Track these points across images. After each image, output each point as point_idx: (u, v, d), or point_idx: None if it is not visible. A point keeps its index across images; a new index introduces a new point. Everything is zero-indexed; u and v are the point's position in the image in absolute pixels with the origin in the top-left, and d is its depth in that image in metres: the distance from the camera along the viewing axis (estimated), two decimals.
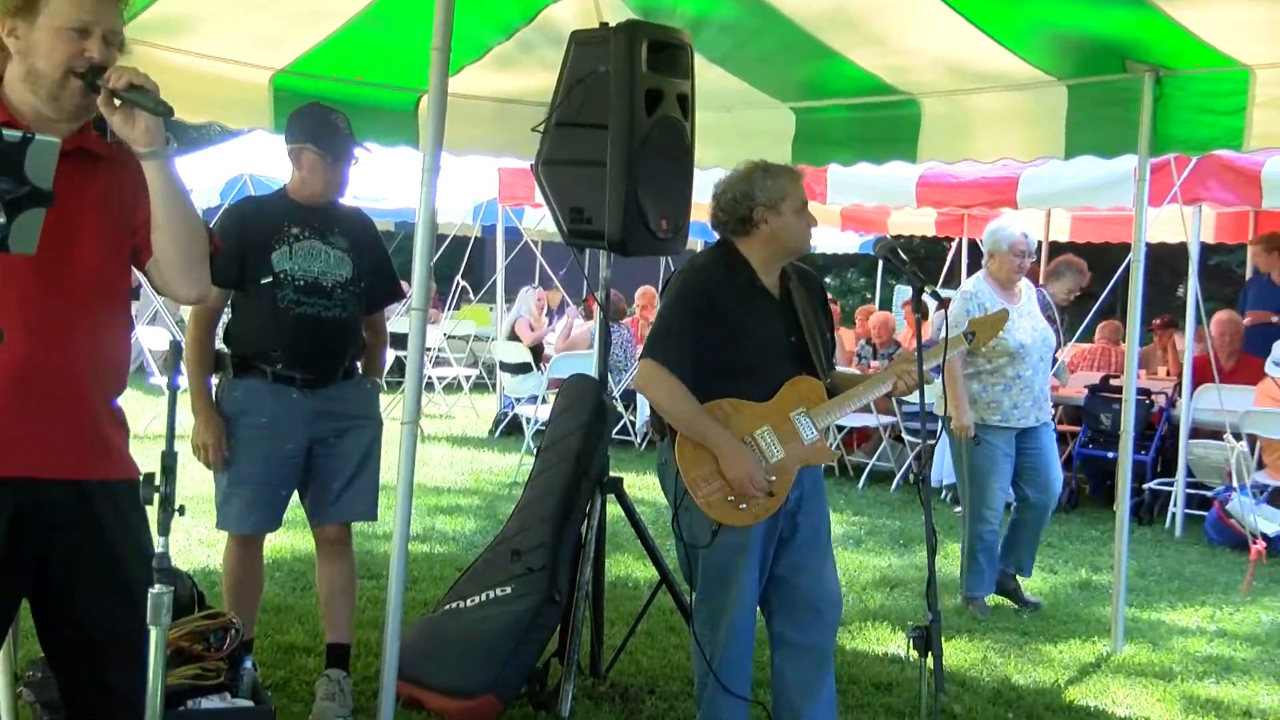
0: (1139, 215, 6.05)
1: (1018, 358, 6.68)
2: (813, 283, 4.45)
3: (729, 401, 4.17)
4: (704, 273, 4.27)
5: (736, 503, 4.14)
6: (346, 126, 4.75)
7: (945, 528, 8.76)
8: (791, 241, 4.25)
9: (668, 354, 4.18)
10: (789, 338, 4.24)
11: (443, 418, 13.98)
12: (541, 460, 5.26)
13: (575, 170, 4.80)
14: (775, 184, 4.21)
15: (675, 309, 4.22)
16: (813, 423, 4.21)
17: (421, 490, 9.35)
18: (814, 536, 4.34)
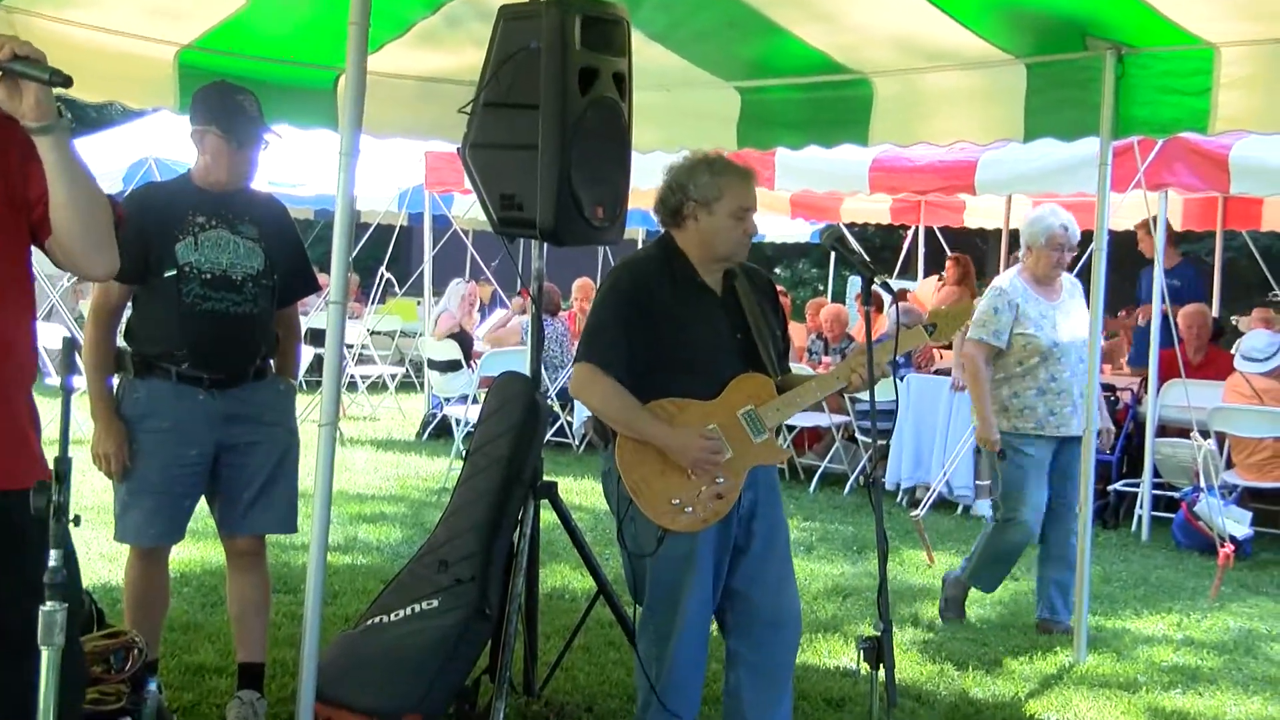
0: (1101, 202, 6.12)
1: (1051, 358, 6.51)
2: (761, 280, 4.48)
3: (672, 400, 4.19)
4: (638, 267, 4.30)
5: (682, 506, 4.15)
6: (255, 109, 4.71)
7: (900, 532, 8.84)
8: (721, 246, 4.27)
9: (600, 354, 4.20)
10: (734, 334, 4.27)
11: (366, 420, 13.90)
12: (470, 464, 5.24)
13: (505, 154, 4.79)
14: (714, 182, 4.23)
15: (606, 306, 4.25)
16: (762, 421, 4.24)
17: (342, 497, 9.30)
18: (771, 546, 4.35)
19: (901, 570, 7.92)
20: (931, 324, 4.45)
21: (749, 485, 4.28)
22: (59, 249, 2.90)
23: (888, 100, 6.26)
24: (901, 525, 9.08)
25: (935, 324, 4.45)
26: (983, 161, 10.22)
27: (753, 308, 4.31)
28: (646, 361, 4.19)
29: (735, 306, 4.31)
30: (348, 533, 8.25)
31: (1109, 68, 5.64)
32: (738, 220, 4.25)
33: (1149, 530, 9.17)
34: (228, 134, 4.64)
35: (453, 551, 5.06)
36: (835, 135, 6.53)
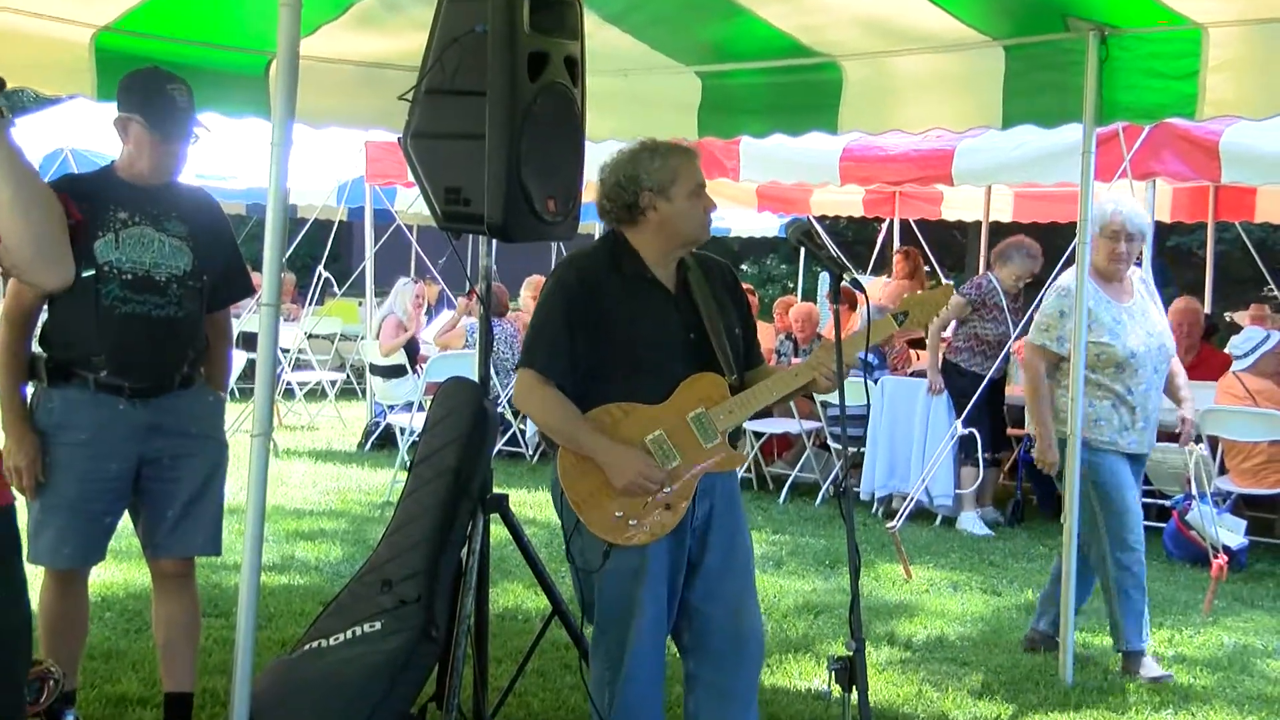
0: (1085, 192, 6.16)
1: (1127, 369, 6.26)
2: (718, 272, 4.48)
3: (618, 405, 4.21)
4: (580, 266, 4.31)
5: (626, 519, 4.16)
6: (186, 99, 4.67)
7: (876, 545, 8.87)
8: (686, 230, 4.29)
9: (541, 360, 4.23)
10: (686, 334, 4.28)
11: (304, 429, 13.85)
12: (415, 476, 5.23)
13: (449, 144, 4.78)
14: (664, 165, 4.25)
15: (546, 310, 4.27)
16: (713, 424, 4.24)
17: (278, 513, 9.26)
18: (729, 559, 4.35)
19: (877, 586, 7.95)
20: (903, 312, 4.40)
21: (703, 494, 4.29)
22: (5, 256, 2.88)
23: (858, 85, 6.28)
24: (877, 538, 9.12)
25: (907, 311, 4.40)
26: (960, 150, 10.26)
27: (707, 302, 4.32)
28: (592, 364, 4.20)
29: (688, 302, 4.32)
30: (283, 551, 8.21)
31: (1091, 50, 5.68)
32: (696, 199, 4.28)
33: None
34: (153, 125, 4.61)
35: (397, 570, 5.04)
36: (802, 122, 6.55)
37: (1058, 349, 6.34)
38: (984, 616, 7.39)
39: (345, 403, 15.32)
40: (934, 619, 7.27)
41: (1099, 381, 6.27)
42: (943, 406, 9.86)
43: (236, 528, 4.91)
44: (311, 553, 8.26)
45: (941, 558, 8.76)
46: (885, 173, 11.11)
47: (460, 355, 11.63)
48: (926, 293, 4.47)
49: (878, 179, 11.60)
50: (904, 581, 8.06)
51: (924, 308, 4.41)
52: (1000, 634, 7.03)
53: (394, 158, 11.95)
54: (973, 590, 7.93)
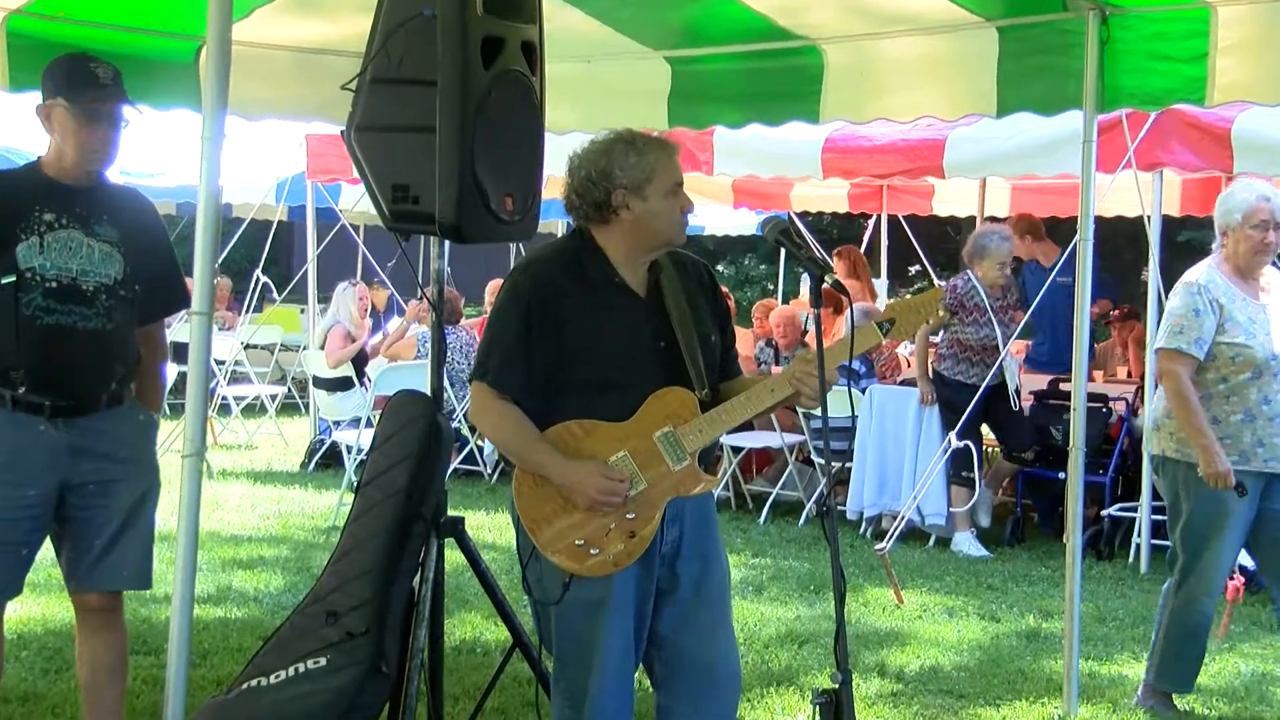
0: (1086, 184, 6.19)
1: (1265, 374, 5.97)
2: (694, 273, 4.45)
3: (579, 423, 4.20)
4: (537, 269, 4.29)
5: (588, 547, 4.16)
6: (111, 78, 4.65)
7: (864, 569, 8.89)
8: (661, 231, 4.26)
9: (494, 373, 4.22)
10: (656, 343, 4.25)
11: (241, 448, 13.79)
12: (363, 498, 5.22)
13: (396, 138, 4.78)
14: (641, 161, 4.21)
15: (500, 318, 4.26)
16: (682, 444, 4.23)
17: (213, 540, 9.23)
18: (701, 589, 4.34)
19: (865, 612, 7.97)
20: (888, 319, 4.36)
21: (672, 519, 4.28)
22: None
23: (840, 71, 6.30)
24: (865, 560, 9.13)
25: (893, 319, 4.36)
26: (951, 140, 10.30)
27: (680, 307, 4.29)
28: (550, 378, 4.20)
29: (659, 308, 4.29)
30: (219, 581, 8.19)
31: (1092, 31, 5.71)
32: (670, 198, 4.24)
33: (1149, 561, 9.26)
34: (76, 105, 4.58)
35: (343, 600, 5.03)
36: (781, 112, 6.56)
37: (1196, 353, 5.95)
38: (982, 644, 7.41)
39: (286, 419, 15.26)
40: (927, 648, 7.29)
41: (1230, 391, 5.98)
42: (936, 418, 9.88)
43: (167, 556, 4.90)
44: (249, 582, 8.23)
45: (935, 581, 8.78)
46: (871, 165, 11.14)
47: (411, 366, 11.60)
48: (914, 298, 4.44)
49: (863, 172, 11.63)
50: (895, 607, 8.08)
51: (911, 315, 4.36)
52: (999, 663, 7.06)
53: (337, 152, 11.90)
54: (969, 616, 7.96)
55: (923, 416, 9.93)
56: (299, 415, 15.49)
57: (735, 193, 13.67)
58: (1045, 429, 9.94)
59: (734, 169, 11.55)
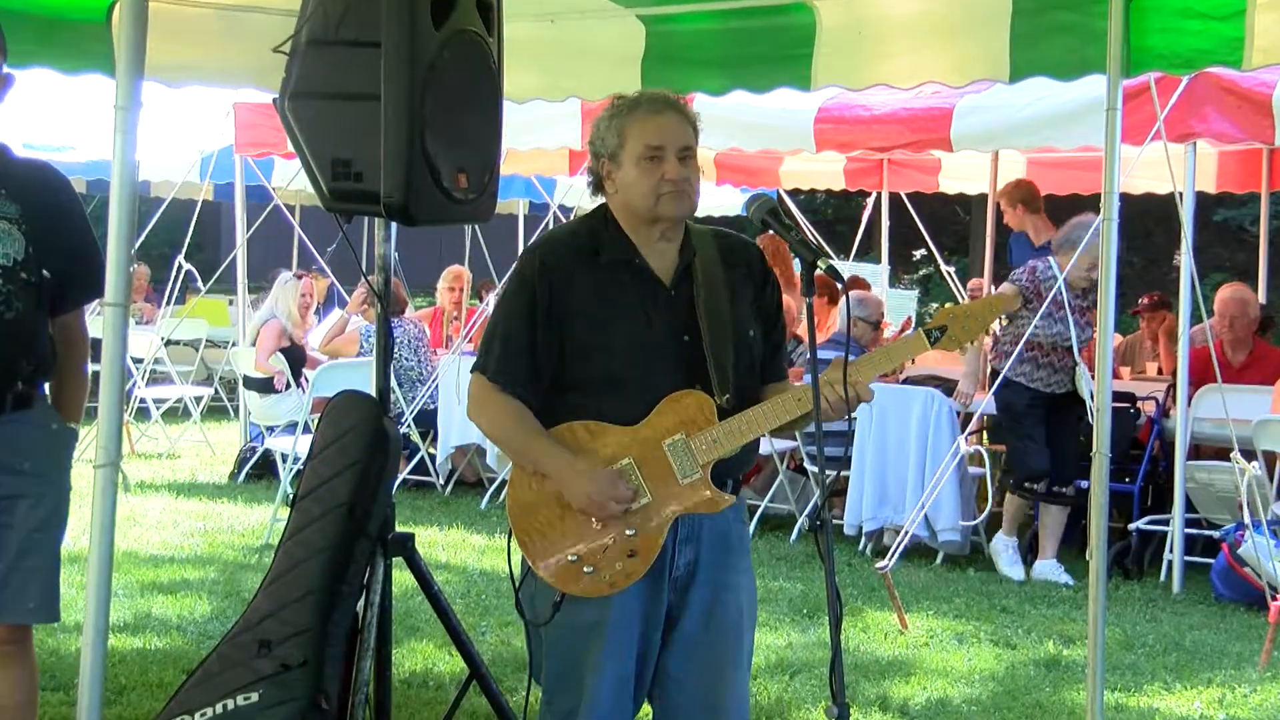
0: (1110, 158, 6.17)
1: None
2: (740, 257, 4.39)
3: (585, 424, 4.18)
4: (547, 251, 4.27)
5: (582, 565, 4.16)
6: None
7: (864, 589, 8.91)
8: (634, 204, 4.22)
9: (495, 364, 4.22)
10: (678, 337, 4.21)
11: (162, 457, 13.77)
12: (300, 513, 5.22)
13: (336, 107, 4.77)
14: (612, 125, 4.21)
15: (505, 305, 4.26)
16: (694, 454, 4.19)
17: (130, 561, 9.21)
18: (711, 620, 4.31)
19: (865, 639, 7.99)
20: (938, 327, 4.28)
21: (686, 539, 4.25)
22: None
23: (835, 32, 6.30)
24: (865, 580, 9.15)
25: (944, 326, 4.28)
26: (959, 109, 10.32)
27: (714, 297, 4.24)
28: (558, 372, 4.20)
29: (687, 299, 4.26)
30: (137, 608, 8.16)
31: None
32: (650, 164, 4.17)
33: (1181, 580, 9.31)
34: None
35: (278, 628, 5.03)
36: (768, 77, 6.55)
37: None
38: (995, 675, 7.44)
39: (213, 424, 15.23)
40: (935, 678, 7.31)
41: None
42: (945, 419, 9.90)
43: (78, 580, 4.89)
44: (172, 609, 8.21)
45: (944, 603, 8.81)
46: (870, 136, 11.16)
47: (353, 364, 11.60)
48: (973, 304, 4.37)
49: (861, 144, 11.65)
50: (898, 633, 8.10)
51: (968, 323, 4.29)
52: (1015, 695, 7.08)
53: (269, 123, 11.88)
54: (981, 643, 7.99)
55: (930, 418, 9.94)
56: (227, 420, 15.45)
57: (717, 168, 13.68)
58: None
59: (715, 141, 11.54)
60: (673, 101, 4.30)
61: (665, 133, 4.21)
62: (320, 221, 11.81)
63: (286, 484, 10.62)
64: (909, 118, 10.64)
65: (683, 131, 4.24)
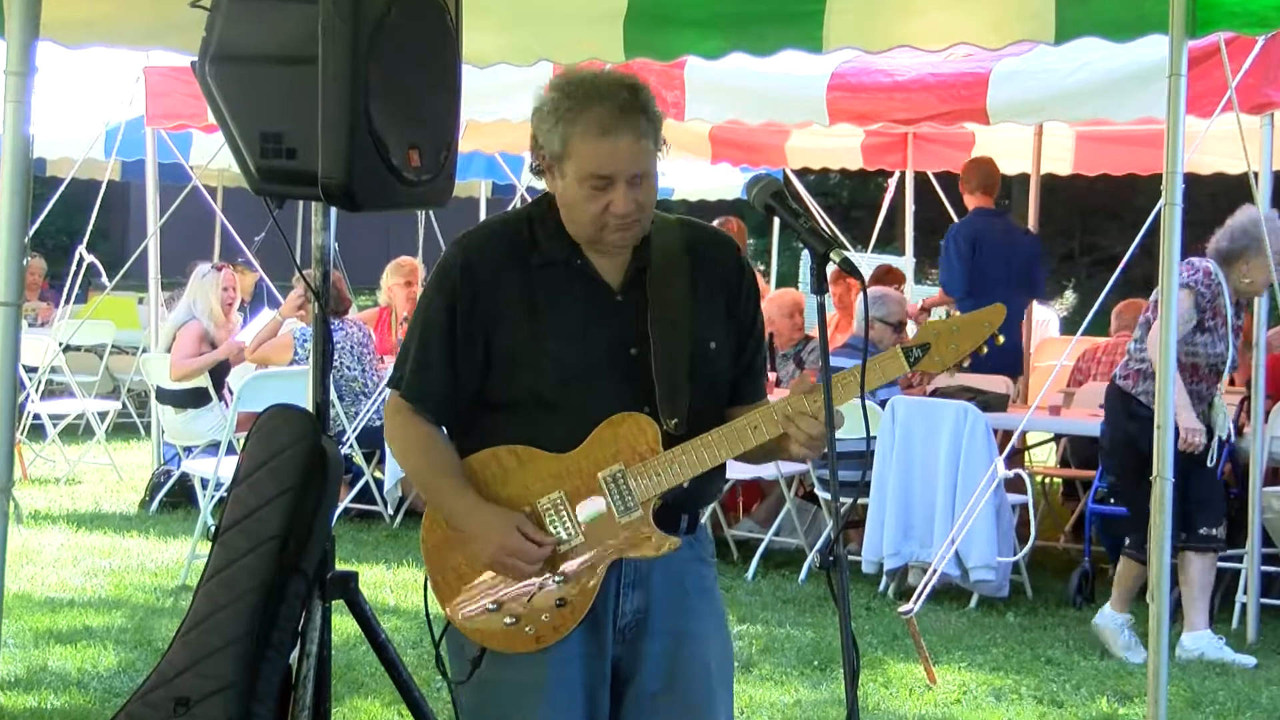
0: (1173, 132, 6.22)
1: None
2: (709, 257, 4.34)
3: (512, 450, 4.16)
4: (475, 246, 4.22)
5: (502, 615, 4.15)
6: None
7: (886, 637, 8.92)
8: (572, 223, 4.16)
9: (410, 380, 4.21)
10: (623, 350, 4.18)
11: (61, 483, 13.73)
12: (222, 548, 5.23)
13: (265, 72, 4.79)
14: (558, 130, 4.07)
15: (424, 311, 4.23)
16: (631, 488, 4.17)
17: (23, 605, 9.20)
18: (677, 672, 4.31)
19: (887, 695, 8.00)
20: (920, 345, 4.26)
21: (633, 584, 4.24)
22: None
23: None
24: (887, 626, 9.16)
25: (927, 344, 4.25)
26: (996, 75, 10.33)
27: (673, 303, 4.20)
28: (481, 389, 4.20)
29: (636, 305, 4.22)
30: (31, 660, 8.15)
31: None
32: (595, 192, 4.08)
33: (1257, 625, 9.33)
34: None
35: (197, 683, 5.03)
36: (773, 37, 6.58)
37: None
38: None
39: (121, 444, 15.21)
40: None
41: None
42: (980, 437, 9.88)
43: None
44: (72, 660, 8.20)
45: (979, 654, 8.81)
46: (892, 107, 11.17)
47: (286, 373, 11.57)
48: (962, 317, 4.35)
49: (881, 116, 11.66)
50: (925, 688, 8.11)
51: (957, 340, 4.26)
52: None
53: (186, 90, 11.88)
54: (1023, 699, 8.00)
55: (962, 436, 9.92)
56: (137, 439, 15.44)
57: (713, 144, 13.69)
58: None
59: (711, 113, 11.55)
60: (628, 112, 4.07)
61: (615, 161, 4.07)
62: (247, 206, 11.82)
63: (207, 514, 10.62)
64: (937, 85, 10.64)
65: (637, 154, 4.09)
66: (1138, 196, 20.61)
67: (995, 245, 12.29)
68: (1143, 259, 9.12)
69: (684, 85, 10.86)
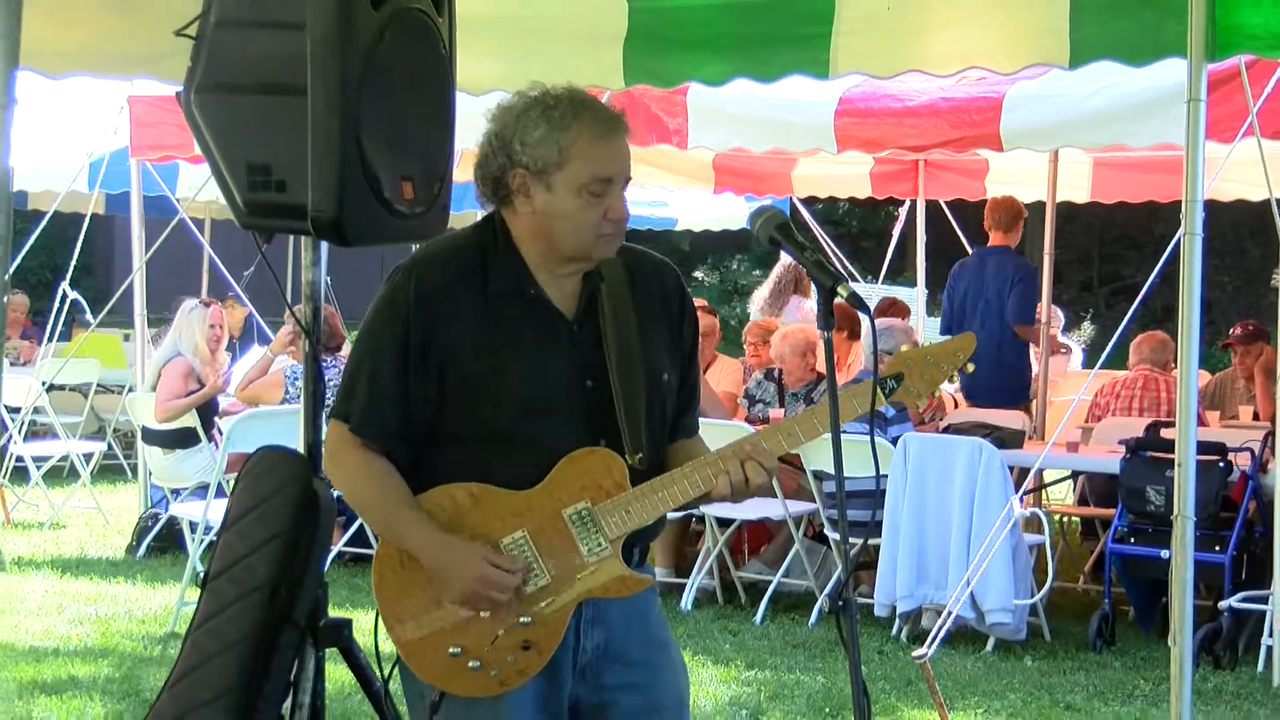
0: (1192, 158, 6.21)
1: None
2: (653, 280, 4.40)
3: (467, 488, 4.16)
4: (425, 275, 4.21)
5: (465, 659, 4.16)
6: None
7: (899, 683, 8.90)
8: (565, 238, 4.17)
9: (356, 412, 4.21)
10: (581, 382, 4.21)
11: (44, 527, 13.72)
12: (211, 595, 5.22)
13: (253, 102, 4.79)
14: (550, 136, 4.11)
15: (372, 339, 4.23)
16: (600, 526, 4.19)
17: (7, 654, 9.21)
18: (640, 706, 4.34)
19: None
20: (894, 375, 4.31)
21: (593, 620, 4.26)
22: None
23: (858, 6, 6.33)
24: (900, 671, 9.14)
25: (900, 374, 4.31)
26: (1010, 100, 10.35)
27: (624, 331, 4.24)
28: (434, 422, 4.20)
29: (591, 334, 4.25)
30: (15, 712, 8.14)
31: None
32: (593, 198, 4.12)
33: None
34: None
35: None
36: (778, 62, 6.59)
37: None
38: None
39: (107, 486, 15.20)
40: None
41: None
42: (995, 474, 9.87)
43: None
44: (58, 712, 8.20)
45: (996, 699, 8.80)
46: (902, 134, 11.18)
47: (277, 413, 11.57)
48: (934, 346, 4.39)
49: (891, 143, 11.67)
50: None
51: (930, 370, 4.33)
52: None
53: (171, 121, 11.90)
54: None
55: (977, 474, 9.91)
56: (123, 481, 15.42)
57: (717, 173, 13.71)
58: (1140, 491, 9.95)
59: (715, 140, 11.57)
60: (619, 115, 4.22)
61: (617, 161, 4.17)
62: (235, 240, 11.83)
63: (196, 560, 10.61)
64: (949, 110, 10.66)
65: (628, 156, 4.21)
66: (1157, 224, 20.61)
67: (969, 278, 12.56)
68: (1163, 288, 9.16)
69: (686, 112, 10.87)
